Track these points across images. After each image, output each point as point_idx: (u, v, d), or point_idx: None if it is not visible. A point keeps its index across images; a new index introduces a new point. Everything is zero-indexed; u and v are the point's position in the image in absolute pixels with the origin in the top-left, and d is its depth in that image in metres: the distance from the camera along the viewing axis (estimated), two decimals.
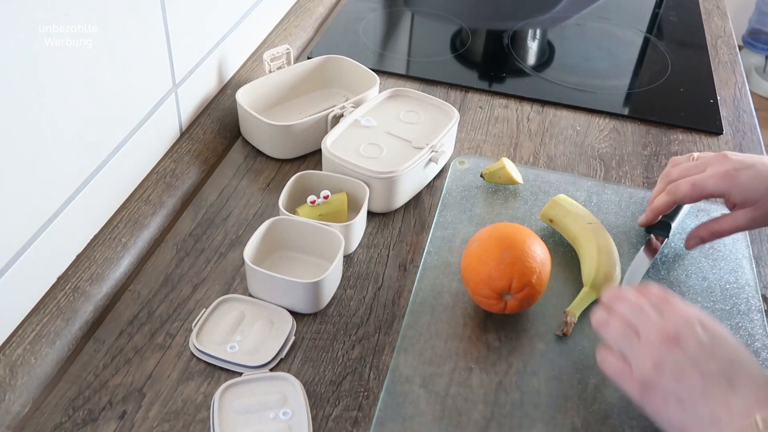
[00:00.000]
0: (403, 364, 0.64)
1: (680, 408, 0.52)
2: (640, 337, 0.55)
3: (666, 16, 1.26)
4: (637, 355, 0.55)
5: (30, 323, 0.62)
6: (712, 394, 0.51)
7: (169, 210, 0.78)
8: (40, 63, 0.58)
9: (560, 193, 0.80)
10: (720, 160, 0.69)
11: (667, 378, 0.53)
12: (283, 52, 0.92)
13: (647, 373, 0.53)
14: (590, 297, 0.68)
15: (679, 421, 0.52)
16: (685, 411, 0.52)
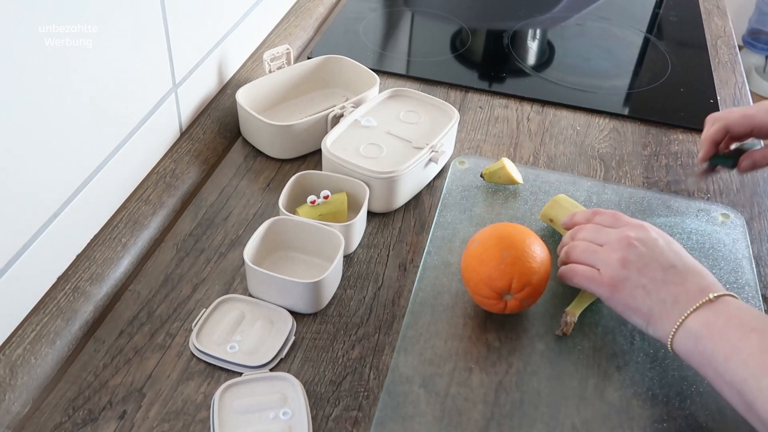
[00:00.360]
0: (403, 364, 0.64)
1: (646, 295, 0.61)
2: (603, 246, 0.64)
3: (666, 16, 1.26)
4: (605, 260, 0.63)
5: (30, 323, 0.62)
6: (671, 281, 0.60)
7: (169, 210, 0.78)
8: (40, 63, 0.58)
9: (560, 193, 0.80)
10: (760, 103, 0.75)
11: (632, 271, 0.61)
12: (283, 52, 0.92)
13: (616, 270, 0.62)
14: (590, 297, 0.68)
15: (646, 307, 0.61)
16: (651, 296, 0.60)
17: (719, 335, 0.56)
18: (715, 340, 0.56)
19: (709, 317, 0.57)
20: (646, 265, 0.61)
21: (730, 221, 0.80)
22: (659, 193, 0.84)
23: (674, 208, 0.82)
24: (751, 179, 0.89)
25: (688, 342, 0.57)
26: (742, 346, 0.54)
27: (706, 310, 0.57)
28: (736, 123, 0.75)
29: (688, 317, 0.57)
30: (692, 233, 0.79)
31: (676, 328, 0.58)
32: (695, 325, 0.57)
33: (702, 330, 0.57)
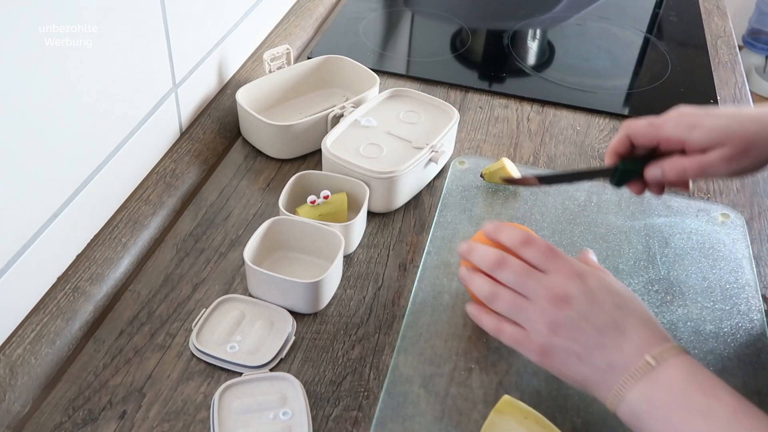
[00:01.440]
0: (403, 364, 0.64)
1: (579, 363, 0.53)
2: (531, 301, 0.55)
3: (666, 16, 1.26)
4: (532, 321, 0.55)
5: (30, 323, 0.62)
6: (606, 344, 0.53)
7: (169, 210, 0.78)
8: (40, 63, 0.58)
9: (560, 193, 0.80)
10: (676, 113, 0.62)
11: (563, 337, 0.54)
12: (283, 52, 0.92)
13: (545, 337, 0.54)
14: None
15: (580, 375, 0.54)
16: (584, 364, 0.53)
17: (662, 417, 0.49)
18: (657, 423, 0.49)
19: (650, 392, 0.50)
20: (578, 329, 0.53)
21: (730, 221, 0.80)
22: None
23: (674, 208, 0.82)
24: (752, 179, 0.89)
25: (628, 415, 0.51)
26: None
27: (647, 380, 0.50)
28: (639, 133, 0.63)
29: (626, 390, 0.51)
30: (692, 233, 0.79)
31: (615, 401, 0.52)
32: (635, 399, 0.50)
33: (642, 407, 0.50)
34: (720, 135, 0.59)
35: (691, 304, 0.71)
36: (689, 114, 0.61)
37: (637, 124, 0.63)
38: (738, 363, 0.65)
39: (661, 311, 0.70)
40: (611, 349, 0.53)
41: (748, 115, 0.60)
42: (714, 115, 0.60)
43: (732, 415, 0.47)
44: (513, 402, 0.57)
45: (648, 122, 0.62)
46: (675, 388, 0.49)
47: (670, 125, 0.61)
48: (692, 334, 0.68)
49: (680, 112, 0.62)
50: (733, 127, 0.59)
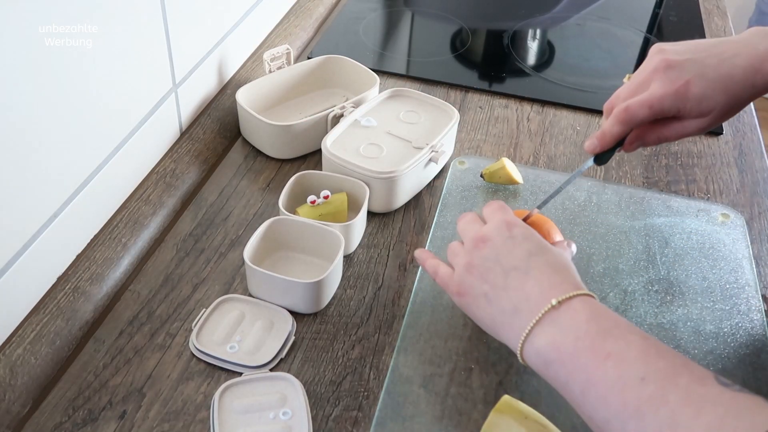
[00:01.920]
0: (403, 364, 0.64)
1: (488, 304, 0.54)
2: (463, 246, 0.58)
3: (666, 16, 1.26)
4: (456, 260, 0.57)
5: (30, 323, 0.62)
6: (512, 286, 0.52)
7: (169, 210, 0.78)
8: (40, 63, 0.58)
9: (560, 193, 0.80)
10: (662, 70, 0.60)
11: (476, 277, 0.55)
12: (283, 52, 0.92)
13: (461, 275, 0.56)
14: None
15: (489, 318, 0.54)
16: (492, 305, 0.54)
17: (570, 362, 0.48)
18: (566, 368, 0.48)
19: (555, 335, 0.49)
20: (489, 269, 0.54)
21: (730, 221, 0.80)
22: (659, 193, 0.84)
23: (674, 208, 0.82)
24: (752, 179, 0.89)
25: (538, 363, 0.50)
26: (599, 379, 0.46)
27: (551, 323, 0.49)
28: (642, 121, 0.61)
29: (531, 332, 0.50)
30: (692, 233, 0.79)
31: (520, 344, 0.51)
32: (542, 344, 0.49)
33: (550, 353, 0.49)
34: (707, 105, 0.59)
35: (691, 304, 0.71)
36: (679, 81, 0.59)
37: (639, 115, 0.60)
38: (738, 363, 0.65)
39: (661, 311, 0.70)
40: (516, 290, 0.52)
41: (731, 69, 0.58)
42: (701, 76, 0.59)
43: (642, 355, 0.46)
44: (513, 402, 0.57)
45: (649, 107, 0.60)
46: (581, 330, 0.48)
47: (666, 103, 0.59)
48: (692, 334, 0.68)
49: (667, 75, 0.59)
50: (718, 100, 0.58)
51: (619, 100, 0.62)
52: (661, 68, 0.60)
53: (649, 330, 0.68)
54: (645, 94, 0.60)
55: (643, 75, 0.61)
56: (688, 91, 0.58)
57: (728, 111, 0.60)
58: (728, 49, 0.59)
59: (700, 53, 0.60)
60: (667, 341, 0.67)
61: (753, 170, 0.90)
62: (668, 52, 0.61)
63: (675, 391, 0.42)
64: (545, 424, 0.56)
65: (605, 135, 0.62)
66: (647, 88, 0.60)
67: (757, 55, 0.58)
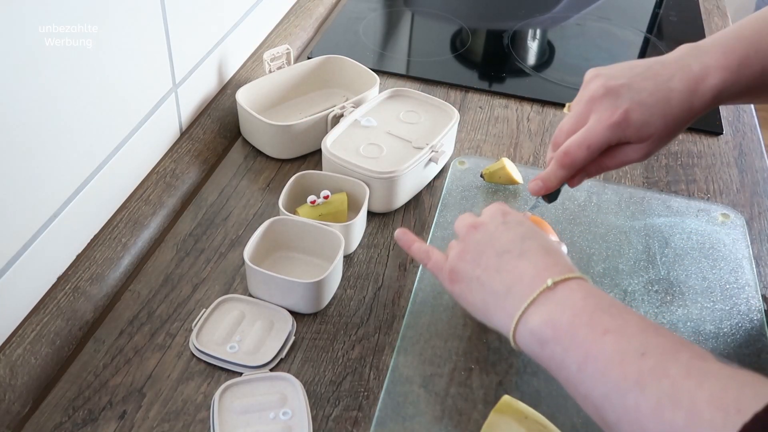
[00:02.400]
0: (403, 364, 0.64)
1: (480, 287, 0.53)
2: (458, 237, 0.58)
3: (666, 16, 1.26)
4: (450, 248, 0.57)
5: (30, 323, 0.62)
6: (505, 268, 0.52)
7: (169, 210, 0.78)
8: (40, 63, 0.58)
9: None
10: (599, 99, 0.58)
11: (468, 262, 0.54)
12: (283, 52, 0.92)
13: (453, 261, 0.55)
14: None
15: (481, 301, 0.53)
16: (484, 289, 0.53)
17: (567, 338, 0.46)
18: (563, 345, 0.47)
19: (551, 313, 0.48)
20: (481, 252, 0.54)
21: (730, 221, 0.80)
22: (659, 193, 0.84)
23: (674, 208, 0.82)
24: (752, 179, 0.89)
25: (533, 343, 0.49)
26: (597, 353, 0.45)
27: (546, 302, 0.49)
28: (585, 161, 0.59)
29: (525, 312, 0.49)
30: (692, 233, 0.79)
31: (514, 325, 0.49)
32: (537, 323, 0.48)
33: (546, 331, 0.48)
34: (647, 131, 0.58)
35: (691, 304, 0.71)
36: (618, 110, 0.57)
37: (578, 158, 0.59)
38: (738, 363, 0.65)
39: (661, 311, 0.70)
40: (509, 272, 0.52)
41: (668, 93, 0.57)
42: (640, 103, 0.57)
43: (641, 331, 0.45)
44: (513, 402, 0.57)
45: (586, 147, 0.58)
46: (578, 308, 0.47)
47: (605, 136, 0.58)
48: (692, 334, 0.68)
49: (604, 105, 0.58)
50: (657, 125, 0.57)
51: (562, 134, 0.61)
52: (598, 96, 0.58)
53: None
54: (582, 133, 0.58)
55: (582, 105, 0.59)
56: (627, 119, 0.57)
57: (668, 134, 0.59)
58: (663, 72, 0.58)
59: (635, 77, 0.58)
60: None
61: (753, 170, 0.90)
62: (604, 76, 0.59)
63: (676, 365, 0.42)
64: (545, 424, 0.56)
65: (550, 179, 0.61)
66: (587, 120, 0.59)
67: (692, 77, 0.57)
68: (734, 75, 0.56)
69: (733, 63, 0.56)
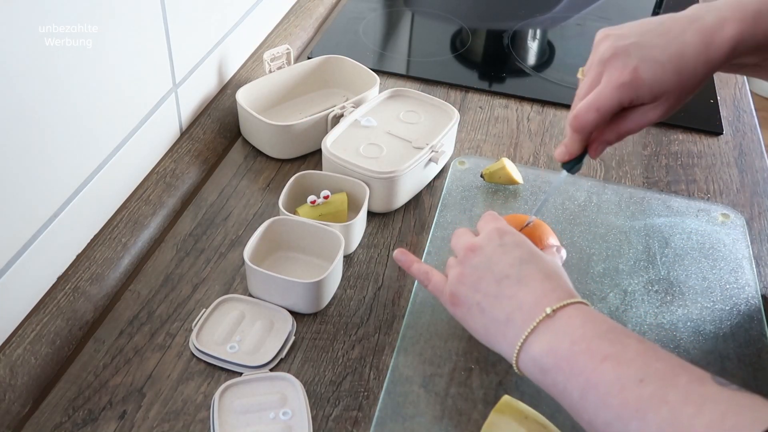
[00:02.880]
0: (403, 364, 0.64)
1: (481, 313, 0.53)
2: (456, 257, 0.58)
3: None
4: (449, 270, 0.57)
5: (30, 323, 0.62)
6: (505, 295, 0.52)
7: (169, 210, 0.78)
8: (39, 63, 0.58)
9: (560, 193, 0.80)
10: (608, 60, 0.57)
11: (468, 286, 0.54)
12: (283, 52, 0.92)
13: (453, 285, 0.55)
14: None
15: (482, 328, 0.54)
16: (485, 315, 0.53)
17: (568, 367, 0.47)
18: (564, 373, 0.47)
19: (551, 342, 0.49)
20: (480, 278, 0.54)
21: (730, 221, 0.80)
22: (659, 193, 0.84)
23: (674, 208, 0.82)
24: (752, 179, 0.89)
25: (534, 371, 0.50)
26: (598, 380, 0.45)
27: (546, 331, 0.49)
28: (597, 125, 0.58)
29: (526, 341, 0.50)
30: (692, 233, 0.79)
31: (516, 353, 0.50)
32: (538, 351, 0.49)
33: (547, 359, 0.49)
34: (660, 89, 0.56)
35: (691, 304, 0.71)
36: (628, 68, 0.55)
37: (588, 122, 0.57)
38: (738, 363, 0.65)
39: (661, 311, 0.70)
40: (509, 299, 0.52)
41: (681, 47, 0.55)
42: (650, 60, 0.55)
43: (639, 356, 0.46)
44: (513, 402, 0.57)
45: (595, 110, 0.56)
46: (576, 334, 0.48)
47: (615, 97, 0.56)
48: (692, 334, 0.68)
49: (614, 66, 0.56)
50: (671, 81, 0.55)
51: (578, 100, 0.59)
52: (607, 57, 0.57)
53: (649, 330, 0.68)
54: (592, 95, 0.57)
55: (594, 69, 0.58)
56: (637, 78, 0.55)
57: (685, 92, 0.56)
58: (675, 26, 0.56)
59: (645, 35, 0.57)
60: (667, 341, 0.67)
61: (753, 170, 0.90)
62: (613, 36, 0.57)
63: (674, 390, 0.42)
64: (545, 424, 0.56)
65: (568, 145, 0.61)
66: (599, 83, 0.57)
67: (706, 29, 0.55)
68: (750, 27, 0.54)
69: (749, 15, 0.54)
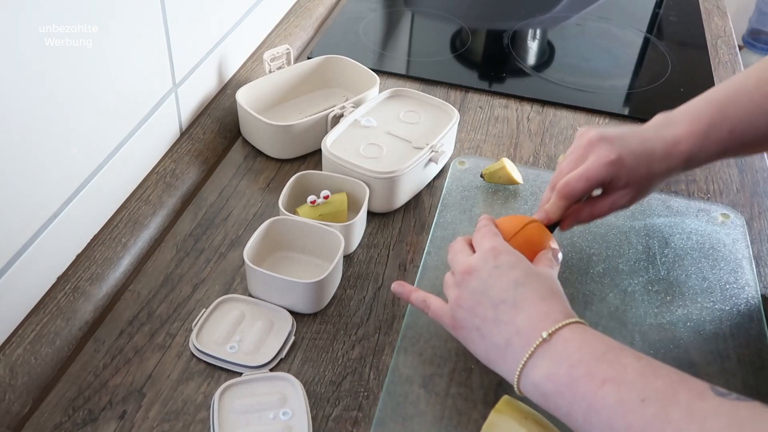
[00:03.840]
0: (403, 364, 0.64)
1: (481, 338, 0.54)
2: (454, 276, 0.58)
3: (666, 16, 1.26)
4: (449, 295, 0.57)
5: (30, 323, 0.62)
6: (502, 320, 0.53)
7: (169, 210, 0.78)
8: (40, 63, 0.58)
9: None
10: (596, 143, 0.64)
11: (466, 311, 0.55)
12: (283, 52, 0.92)
13: (453, 309, 0.56)
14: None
15: (483, 351, 0.55)
16: (485, 340, 0.54)
17: (569, 392, 0.48)
18: (566, 399, 0.48)
19: (550, 367, 0.49)
20: (478, 302, 0.54)
21: (730, 221, 0.80)
22: (659, 193, 0.84)
23: (674, 208, 0.82)
24: (752, 179, 0.89)
25: (536, 395, 0.51)
26: (600, 405, 0.46)
27: (544, 355, 0.50)
28: (583, 193, 0.64)
29: (525, 366, 0.51)
30: (692, 233, 0.79)
31: (516, 378, 0.52)
32: (538, 377, 0.50)
33: (547, 385, 0.49)
34: (635, 177, 0.63)
35: (691, 304, 0.71)
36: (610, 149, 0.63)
37: (578, 189, 0.63)
38: (738, 363, 0.65)
39: (661, 311, 0.70)
40: (507, 324, 0.53)
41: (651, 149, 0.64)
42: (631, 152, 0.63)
43: (639, 376, 0.46)
44: (513, 402, 0.57)
45: (585, 180, 0.63)
46: (573, 358, 0.49)
47: (602, 173, 0.62)
48: (692, 334, 0.68)
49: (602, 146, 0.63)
50: (642, 173, 0.63)
51: (561, 175, 0.65)
52: (595, 141, 0.64)
53: (649, 330, 0.68)
54: (582, 167, 0.63)
55: (580, 150, 0.65)
56: (621, 159, 0.62)
57: (648, 186, 0.65)
58: (645, 133, 0.65)
59: (625, 134, 0.65)
60: (667, 341, 0.67)
61: (753, 170, 0.90)
62: (597, 129, 0.65)
63: (676, 408, 0.43)
64: (545, 424, 0.56)
65: (552, 210, 0.65)
66: (585, 161, 0.64)
67: (666, 141, 0.64)
68: (701, 141, 0.63)
69: (701, 130, 0.63)
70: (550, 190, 0.66)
